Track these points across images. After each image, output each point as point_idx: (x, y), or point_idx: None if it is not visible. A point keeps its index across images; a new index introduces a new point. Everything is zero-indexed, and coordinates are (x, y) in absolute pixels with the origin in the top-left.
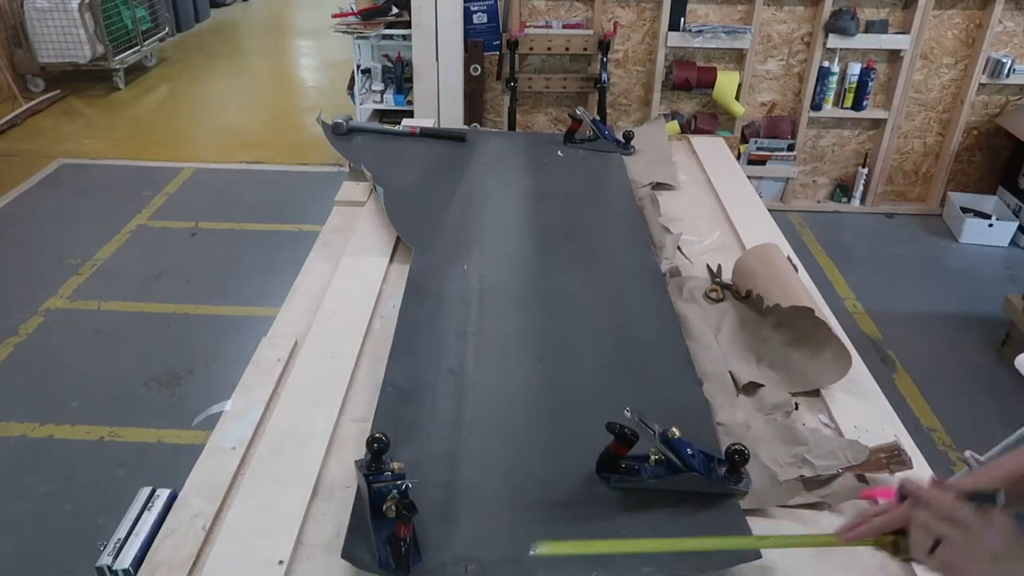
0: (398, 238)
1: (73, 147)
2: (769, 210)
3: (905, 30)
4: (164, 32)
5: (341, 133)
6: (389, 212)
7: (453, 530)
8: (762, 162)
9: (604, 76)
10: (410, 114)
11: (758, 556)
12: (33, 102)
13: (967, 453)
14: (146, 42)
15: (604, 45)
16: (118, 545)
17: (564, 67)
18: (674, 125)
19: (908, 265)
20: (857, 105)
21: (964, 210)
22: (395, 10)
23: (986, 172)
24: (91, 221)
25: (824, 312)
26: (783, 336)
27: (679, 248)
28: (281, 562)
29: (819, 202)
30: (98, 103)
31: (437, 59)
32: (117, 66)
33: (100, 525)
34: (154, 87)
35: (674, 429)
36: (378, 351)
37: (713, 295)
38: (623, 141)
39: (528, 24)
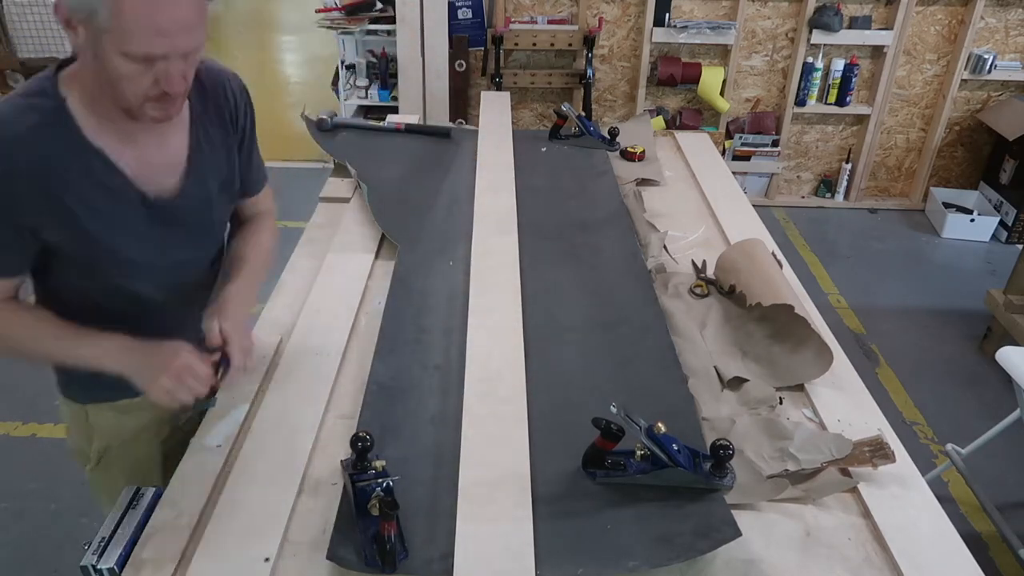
0: (383, 234)
1: None
2: (753, 205)
3: (888, 26)
4: None
5: (325, 129)
6: (373, 209)
7: (439, 526)
8: (747, 158)
9: (589, 72)
10: (395, 110)
11: (738, 534)
12: None
13: (949, 446)
14: None
15: (589, 41)
16: (103, 544)
17: (549, 63)
18: (659, 121)
19: (891, 260)
20: (841, 101)
21: (946, 205)
22: (379, 5)
23: (968, 167)
24: None
25: (806, 308)
26: (767, 331)
27: (664, 247)
28: (267, 559)
29: (803, 197)
30: None
31: (422, 54)
32: None
33: (84, 524)
34: None
35: (660, 424)
36: (364, 348)
37: (698, 291)
38: (608, 137)
39: (513, 20)
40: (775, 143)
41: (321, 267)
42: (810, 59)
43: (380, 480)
